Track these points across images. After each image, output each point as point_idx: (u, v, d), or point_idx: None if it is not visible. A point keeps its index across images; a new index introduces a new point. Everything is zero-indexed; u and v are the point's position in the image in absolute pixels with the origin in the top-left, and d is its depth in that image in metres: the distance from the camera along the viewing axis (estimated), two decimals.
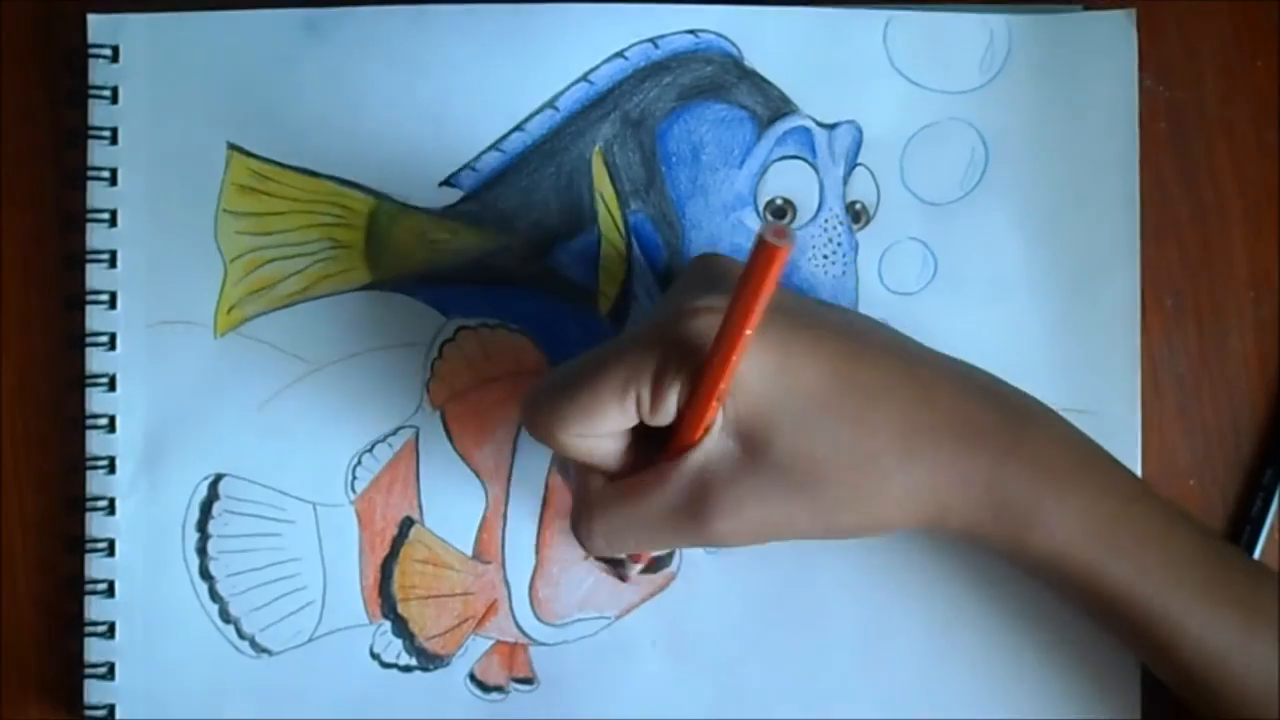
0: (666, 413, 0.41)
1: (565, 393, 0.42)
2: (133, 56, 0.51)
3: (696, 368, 0.40)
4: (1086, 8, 0.51)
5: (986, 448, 0.43)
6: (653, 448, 0.43)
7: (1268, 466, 0.51)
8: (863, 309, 0.51)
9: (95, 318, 0.51)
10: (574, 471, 0.44)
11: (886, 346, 0.44)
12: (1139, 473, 0.50)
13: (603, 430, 0.42)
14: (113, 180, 0.51)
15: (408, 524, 0.51)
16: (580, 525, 0.43)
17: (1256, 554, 0.51)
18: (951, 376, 0.44)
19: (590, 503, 0.43)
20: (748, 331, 0.37)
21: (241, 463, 0.51)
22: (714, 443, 0.42)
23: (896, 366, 0.43)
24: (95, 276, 0.51)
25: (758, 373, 0.41)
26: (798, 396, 0.41)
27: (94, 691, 0.50)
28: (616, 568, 0.50)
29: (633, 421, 0.42)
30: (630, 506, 0.43)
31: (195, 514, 0.51)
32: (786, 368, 0.41)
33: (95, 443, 0.50)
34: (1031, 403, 0.45)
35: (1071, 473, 0.43)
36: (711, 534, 0.42)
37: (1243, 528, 0.51)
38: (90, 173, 0.51)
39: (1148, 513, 0.44)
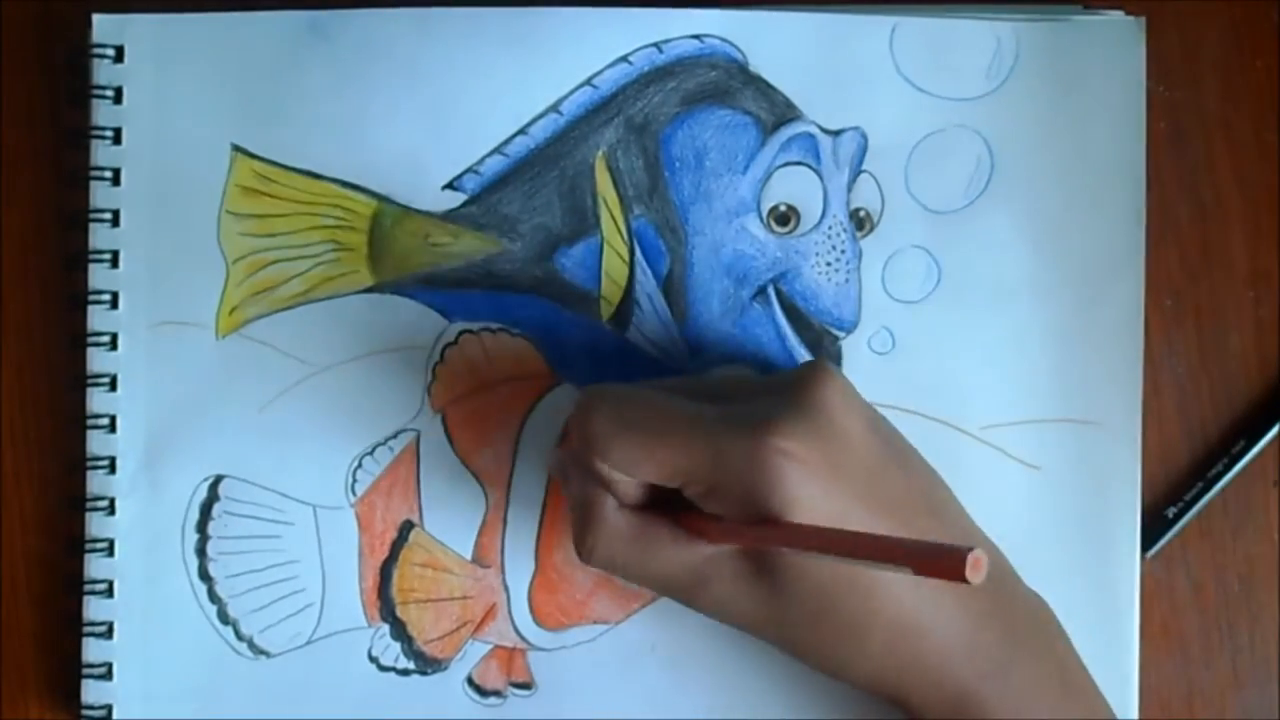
0: (708, 507, 0.42)
1: (626, 430, 0.42)
2: (137, 57, 0.51)
3: (754, 506, 0.41)
4: (1085, 7, 0.51)
5: (971, 661, 0.43)
6: (668, 495, 0.43)
7: (1240, 438, 0.52)
8: (866, 317, 0.51)
9: (97, 318, 0.50)
10: (584, 483, 0.44)
11: (935, 526, 0.44)
12: (1138, 476, 0.50)
13: (640, 478, 0.43)
14: (115, 180, 0.51)
15: (407, 527, 0.51)
16: (584, 547, 0.44)
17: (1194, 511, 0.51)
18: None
19: (599, 528, 0.44)
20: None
21: (242, 464, 0.50)
22: (733, 548, 0.43)
23: None
24: (97, 276, 0.50)
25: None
26: (833, 565, 0.41)
27: (91, 691, 0.50)
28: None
29: (670, 486, 0.43)
30: (633, 552, 0.43)
31: (195, 515, 0.51)
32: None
33: (96, 443, 0.50)
34: (1035, 614, 0.45)
35: (1044, 708, 0.43)
36: (694, 607, 0.44)
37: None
38: (93, 173, 0.50)
39: None
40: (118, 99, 0.51)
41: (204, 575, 0.50)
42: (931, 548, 0.34)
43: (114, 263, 0.51)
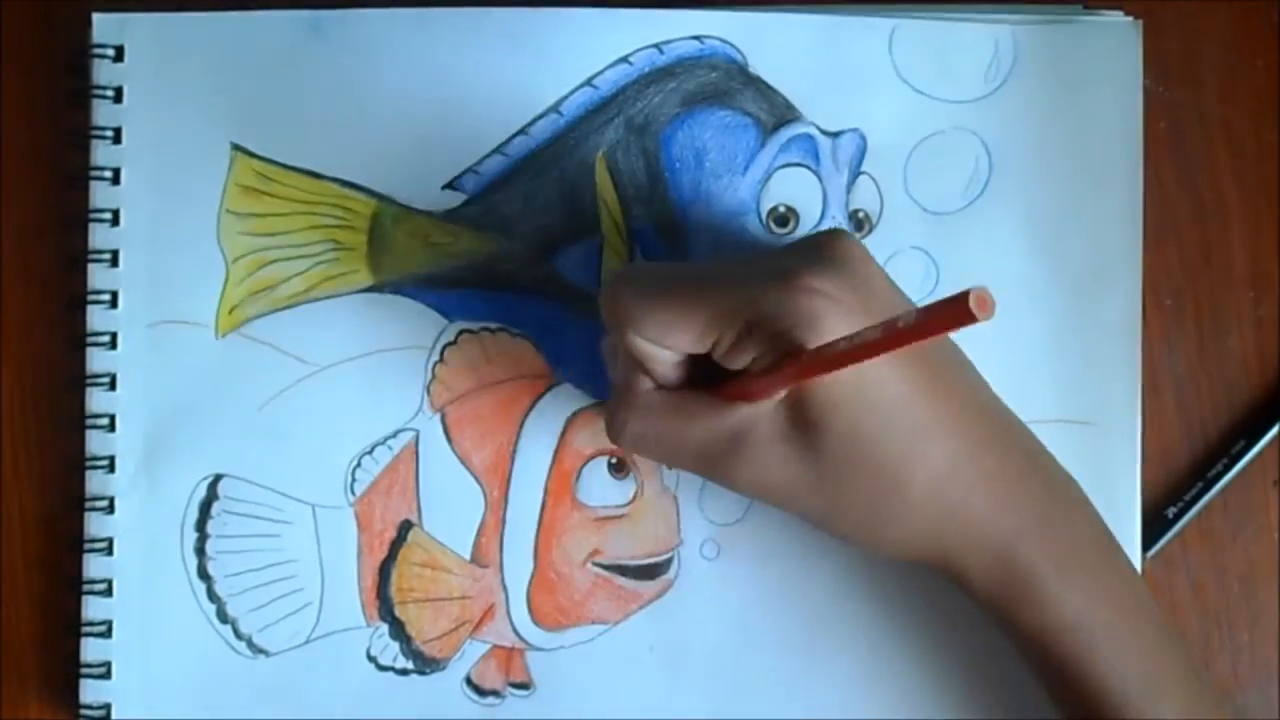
0: (738, 362, 0.42)
1: (655, 298, 0.42)
2: (138, 56, 0.51)
3: (788, 342, 0.40)
4: (1085, 8, 0.51)
5: (1014, 515, 0.43)
6: (703, 370, 0.44)
7: (1240, 438, 0.52)
8: None
9: (96, 317, 0.51)
10: (622, 365, 0.45)
11: (964, 379, 0.44)
12: (1138, 476, 0.50)
13: (673, 346, 0.42)
14: (115, 180, 0.51)
15: (406, 527, 0.51)
16: (616, 422, 0.44)
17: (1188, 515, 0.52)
18: (1006, 433, 0.44)
19: (633, 404, 0.44)
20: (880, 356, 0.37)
21: (241, 463, 0.50)
22: (771, 405, 0.42)
23: (966, 406, 0.43)
24: (97, 276, 0.51)
25: (847, 372, 0.41)
26: (869, 403, 0.41)
27: (90, 691, 0.50)
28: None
29: (702, 351, 0.42)
30: (669, 424, 0.43)
31: (194, 514, 0.50)
32: (873, 372, 0.41)
33: (95, 442, 0.50)
34: (1069, 483, 0.45)
35: (1084, 567, 0.43)
36: (730, 479, 0.44)
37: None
38: (93, 172, 0.50)
39: (1143, 625, 0.44)
40: (118, 99, 0.51)
41: (203, 574, 0.50)
42: (935, 306, 0.34)
43: (114, 262, 0.51)
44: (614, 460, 0.51)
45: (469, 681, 0.50)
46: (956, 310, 0.33)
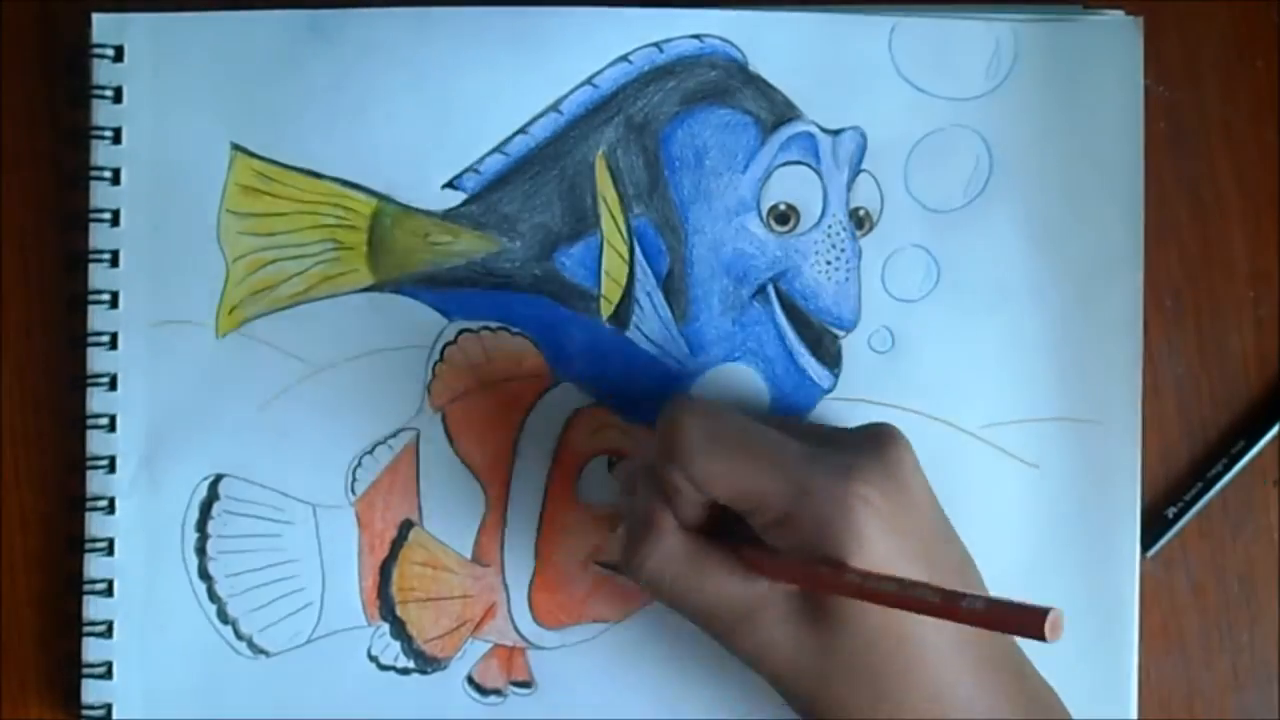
0: (775, 541, 0.42)
1: (714, 443, 0.42)
2: (137, 56, 0.51)
3: (829, 545, 0.41)
4: (1085, 7, 0.51)
5: None
6: (731, 519, 0.43)
7: (1240, 438, 0.52)
8: (865, 315, 0.51)
9: (97, 317, 0.50)
10: (649, 496, 0.44)
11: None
12: (1138, 475, 0.50)
13: (713, 496, 0.43)
14: (115, 180, 0.51)
15: (407, 526, 0.51)
16: (637, 557, 0.44)
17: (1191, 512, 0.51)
18: (1002, 655, 0.44)
19: (655, 542, 0.43)
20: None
21: (241, 463, 0.50)
22: (788, 592, 0.43)
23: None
24: (97, 276, 0.50)
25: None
26: (892, 617, 0.41)
27: (91, 691, 0.50)
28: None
29: (737, 509, 0.43)
30: (685, 574, 0.43)
31: (195, 514, 0.51)
32: None
33: (96, 442, 0.50)
34: (1052, 702, 0.45)
35: None
36: (732, 646, 0.44)
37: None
38: (93, 172, 0.50)
39: None
40: (117, 99, 0.51)
41: (204, 574, 0.50)
42: (1008, 606, 0.35)
43: (114, 262, 0.51)
44: (614, 459, 0.51)
45: (471, 681, 0.51)
46: (1029, 619, 0.34)
